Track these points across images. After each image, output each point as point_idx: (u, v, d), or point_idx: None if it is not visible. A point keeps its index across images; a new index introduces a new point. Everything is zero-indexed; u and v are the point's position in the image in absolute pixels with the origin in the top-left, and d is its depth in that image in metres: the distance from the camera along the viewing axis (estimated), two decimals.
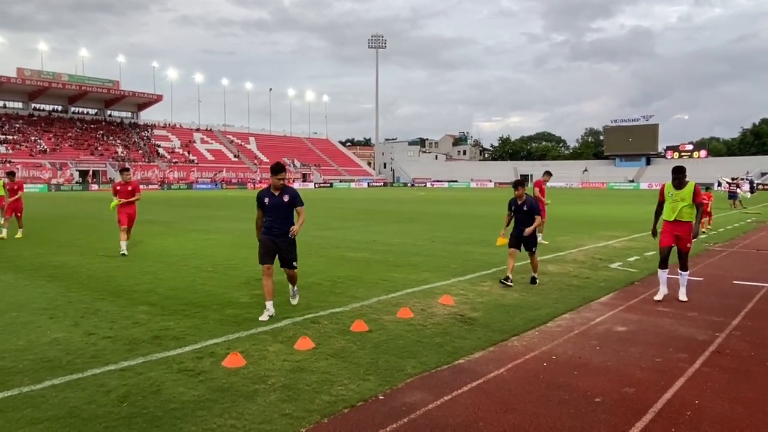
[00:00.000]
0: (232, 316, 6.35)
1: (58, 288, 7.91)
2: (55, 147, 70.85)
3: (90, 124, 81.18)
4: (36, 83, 73.39)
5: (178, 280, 8.43)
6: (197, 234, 15.21)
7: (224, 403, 3.97)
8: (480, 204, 32.91)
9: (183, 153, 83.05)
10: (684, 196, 7.04)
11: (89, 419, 3.69)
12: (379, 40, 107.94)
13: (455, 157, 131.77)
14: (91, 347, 5.19)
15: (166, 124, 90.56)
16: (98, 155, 72.66)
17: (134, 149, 78.61)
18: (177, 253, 11.54)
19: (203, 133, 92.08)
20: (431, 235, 14.76)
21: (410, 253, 11.16)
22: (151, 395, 4.08)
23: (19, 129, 71.92)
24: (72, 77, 77.33)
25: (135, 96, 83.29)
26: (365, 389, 4.24)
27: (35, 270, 9.41)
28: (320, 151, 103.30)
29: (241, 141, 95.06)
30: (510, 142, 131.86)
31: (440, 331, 5.76)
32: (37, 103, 78.33)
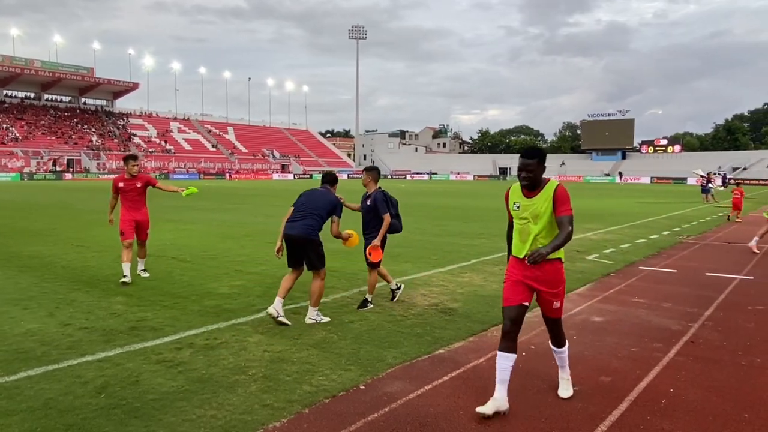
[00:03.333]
0: (212, 306, 6.29)
1: (31, 278, 7.75)
2: (27, 135, 69.16)
3: (64, 112, 79.37)
4: (7, 69, 71.40)
5: (155, 271, 8.32)
6: (174, 224, 15.02)
7: (204, 393, 3.94)
8: (459, 196, 33.10)
9: (159, 142, 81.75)
10: (538, 210, 3.75)
11: (66, 410, 3.63)
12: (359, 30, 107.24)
13: (435, 150, 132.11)
14: (67, 338, 5.10)
15: (142, 112, 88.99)
16: (72, 144, 71.15)
17: (109, 138, 77.15)
18: (154, 243, 11.34)
19: (180, 123, 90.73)
20: (412, 227, 14.78)
21: (390, 245, 11.11)
22: (129, 386, 4.03)
23: None
24: (45, 63, 75.46)
25: (110, 84, 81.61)
26: (346, 379, 4.25)
27: (6, 260, 9.20)
28: (300, 142, 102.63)
29: (219, 131, 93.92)
30: (489, 135, 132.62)
31: (420, 322, 5.79)
32: (8, 89, 76.25)
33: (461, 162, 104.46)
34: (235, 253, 10.20)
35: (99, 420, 3.52)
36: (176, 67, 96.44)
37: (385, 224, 6.33)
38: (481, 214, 19.61)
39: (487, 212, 20.66)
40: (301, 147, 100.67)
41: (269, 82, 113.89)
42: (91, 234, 12.67)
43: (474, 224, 15.88)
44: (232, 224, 15.13)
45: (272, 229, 13.79)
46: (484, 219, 17.70)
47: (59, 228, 14.06)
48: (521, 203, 3.88)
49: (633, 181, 76.38)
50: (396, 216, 6.57)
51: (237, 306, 6.32)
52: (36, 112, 75.73)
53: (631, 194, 38.29)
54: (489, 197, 32.31)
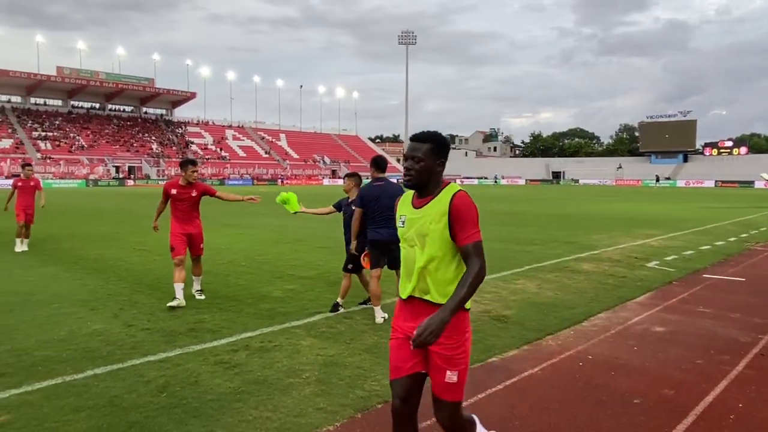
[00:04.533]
0: (266, 310, 6.42)
1: (97, 280, 8.13)
2: (92, 143, 72.82)
3: (126, 121, 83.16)
4: (75, 81, 75.47)
5: (212, 275, 8.57)
6: (230, 229, 15.44)
7: (260, 395, 4.02)
8: (511, 201, 32.56)
9: (215, 149, 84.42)
10: (424, 228, 2.59)
11: (130, 408, 3.78)
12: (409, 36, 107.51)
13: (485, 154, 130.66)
14: (130, 338, 5.32)
15: (199, 121, 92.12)
16: (134, 151, 74.41)
17: (168, 146, 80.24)
18: (211, 247, 11.70)
19: (235, 130, 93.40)
20: None
21: None
22: (189, 386, 4.16)
23: (59, 126, 74.11)
24: (109, 75, 79.32)
25: (169, 93, 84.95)
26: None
27: (75, 263, 9.69)
28: (350, 148, 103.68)
29: (271, 138, 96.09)
30: (541, 138, 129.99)
31: (473, 329, 5.68)
32: (75, 100, 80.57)
33: (512, 166, 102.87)
34: (289, 257, 10.39)
35: (160, 419, 3.65)
36: (231, 76, 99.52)
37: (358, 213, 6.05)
38: (534, 219, 19.23)
39: (541, 217, 20.24)
40: (350, 152, 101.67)
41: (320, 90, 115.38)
42: (152, 238, 13.17)
43: (527, 229, 15.58)
44: (284, 229, 15.41)
45: (323, 234, 13.97)
46: (538, 224, 17.35)
47: (122, 232, 14.70)
48: (407, 217, 2.64)
49: (696, 184, 73.17)
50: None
51: (290, 309, 6.42)
52: (100, 122, 79.65)
53: (693, 199, 36.65)
54: (542, 202, 31.65)
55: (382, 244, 5.91)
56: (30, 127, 71.04)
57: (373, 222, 5.96)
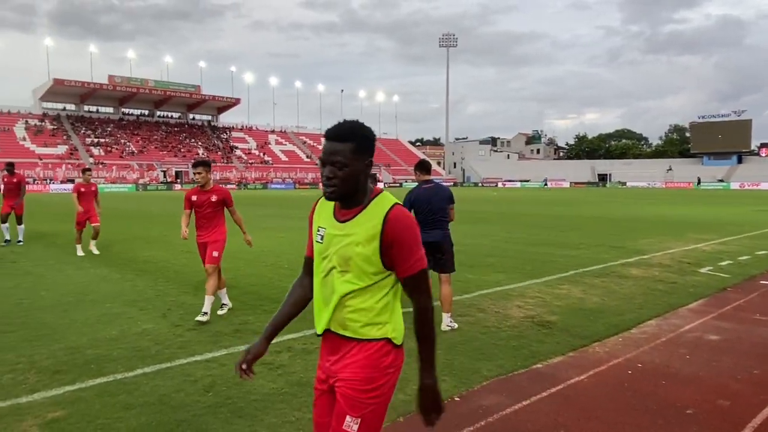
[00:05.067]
0: (308, 312, 6.46)
1: (146, 281, 8.39)
2: (142, 149, 75.40)
3: (174, 127, 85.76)
4: (125, 89, 78.35)
5: (256, 277, 8.73)
6: (273, 232, 15.69)
7: (302, 396, 4.05)
8: (555, 204, 31.94)
9: (259, 154, 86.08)
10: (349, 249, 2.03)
11: (178, 407, 3.88)
12: (450, 38, 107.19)
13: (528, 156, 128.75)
14: (178, 338, 5.46)
15: (243, 126, 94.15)
16: (181, 156, 76.63)
17: (214, 151, 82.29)
18: (254, 250, 11.92)
19: (278, 135, 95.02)
20: (505, 236, 14.47)
21: (483, 254, 11.00)
22: (234, 386, 4.24)
23: (111, 132, 77.08)
24: (158, 83, 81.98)
25: (215, 100, 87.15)
26: (441, 389, 4.16)
27: (126, 264, 10.03)
28: (390, 151, 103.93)
29: (313, 142, 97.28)
30: (587, 140, 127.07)
31: (516, 334, 5.62)
32: (126, 107, 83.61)
33: (556, 168, 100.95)
34: None
35: (207, 417, 3.73)
36: (273, 82, 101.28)
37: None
38: (579, 223, 18.79)
39: (586, 221, 19.77)
40: (391, 156, 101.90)
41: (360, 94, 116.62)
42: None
43: (572, 233, 15.24)
44: None
45: None
46: (583, 228, 16.95)
47: (170, 235, 15.13)
48: (327, 231, 2.10)
49: (751, 187, 70.06)
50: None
51: None
52: (150, 128, 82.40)
53: (749, 201, 35.09)
54: (587, 205, 30.93)
55: (433, 246, 5.92)
56: (83, 134, 74.16)
57: (423, 224, 5.96)
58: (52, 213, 23.81)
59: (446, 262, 5.93)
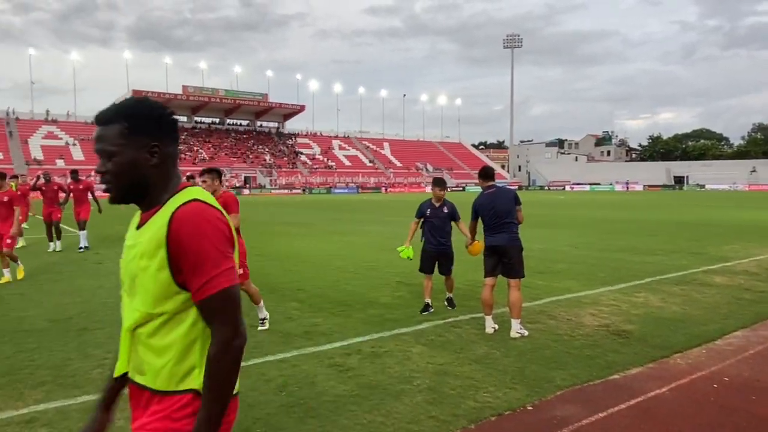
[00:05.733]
0: (375, 316, 6.53)
1: None
2: (213, 156, 78.59)
3: (242, 134, 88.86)
4: (198, 99, 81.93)
5: (323, 280, 8.89)
6: (338, 236, 15.93)
7: (373, 399, 4.09)
8: (627, 208, 30.65)
9: (323, 159, 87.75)
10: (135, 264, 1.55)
11: (254, 405, 4.00)
12: (514, 39, 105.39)
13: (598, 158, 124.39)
14: (251, 338, 5.61)
15: (308, 132, 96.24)
16: (249, 163, 79.30)
17: (280, 157, 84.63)
18: (320, 253, 12.17)
19: (341, 140, 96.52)
20: (574, 241, 14.03)
21: (552, 260, 10.71)
22: (306, 387, 4.33)
23: (184, 140, 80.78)
24: (228, 92, 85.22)
25: (281, 107, 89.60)
26: (512, 398, 4.12)
27: None
28: (452, 155, 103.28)
29: (375, 146, 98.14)
30: (661, 140, 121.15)
31: (590, 343, 5.43)
32: (198, 116, 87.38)
33: (628, 171, 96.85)
34: (395, 264, 10.49)
35: (281, 416, 3.82)
36: (338, 88, 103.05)
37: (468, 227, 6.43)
38: (654, 228, 17.94)
39: (662, 226, 18.85)
40: (453, 159, 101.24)
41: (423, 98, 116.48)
42: (267, 244, 13.94)
43: (647, 239, 14.57)
44: (390, 236, 15.62)
45: None
46: (659, 233, 16.17)
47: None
48: (125, 243, 1.67)
49: None
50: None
51: (399, 316, 6.48)
52: (220, 136, 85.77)
53: None
54: (663, 209, 29.49)
55: (499, 250, 5.86)
56: None
57: (489, 228, 5.93)
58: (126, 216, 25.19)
59: (513, 266, 5.83)
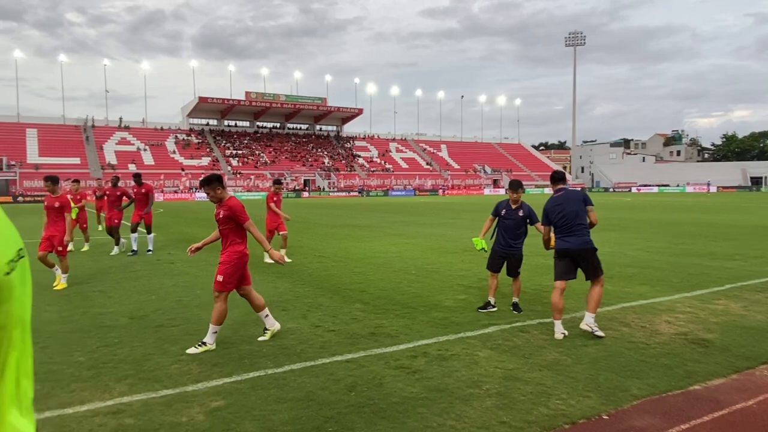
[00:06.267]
0: (440, 318, 6.50)
1: (286, 284, 8.91)
2: (274, 159, 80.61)
3: (302, 138, 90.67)
4: (260, 104, 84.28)
5: (385, 281, 8.93)
6: (398, 238, 15.96)
7: (442, 403, 4.06)
8: (700, 211, 29.14)
9: (380, 162, 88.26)
10: None
11: (324, 404, 4.06)
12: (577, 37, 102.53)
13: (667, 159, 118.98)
14: (318, 338, 5.73)
15: (366, 135, 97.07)
16: (308, 166, 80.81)
17: (338, 160, 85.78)
18: (381, 255, 12.23)
19: (398, 143, 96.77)
20: (644, 245, 13.46)
21: (622, 264, 10.32)
22: (374, 387, 4.35)
23: (246, 145, 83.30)
24: (288, 97, 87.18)
25: (339, 111, 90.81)
26: (586, 406, 3.99)
27: (265, 268, 10.73)
28: (512, 156, 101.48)
29: (433, 149, 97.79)
30: (736, 139, 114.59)
31: (667, 352, 5.19)
32: (260, 121, 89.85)
33: (700, 171, 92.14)
34: (457, 267, 10.42)
35: (351, 416, 3.86)
36: (395, 91, 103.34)
37: (546, 230, 6.24)
38: (731, 232, 16.96)
39: (740, 230, 17.80)
40: (512, 161, 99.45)
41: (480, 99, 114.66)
42: (329, 245, 14.16)
43: (723, 243, 13.79)
44: (449, 239, 15.52)
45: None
46: (737, 237, 15.27)
47: (303, 240, 15.98)
48: None
49: None
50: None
51: (464, 320, 6.42)
52: (281, 140, 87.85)
53: None
54: (740, 212, 27.85)
55: (571, 253, 5.73)
56: (223, 146, 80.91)
57: (560, 231, 5.82)
58: (198, 219, 26.21)
59: (591, 269, 5.76)
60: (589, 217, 5.83)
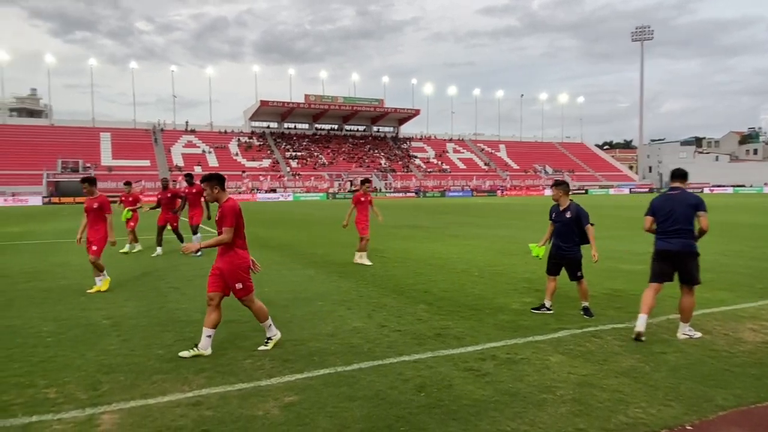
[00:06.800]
0: (507, 321, 6.39)
1: (349, 283, 9.01)
2: (332, 161, 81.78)
3: (359, 139, 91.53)
4: (318, 107, 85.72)
5: (448, 283, 8.87)
6: (458, 239, 15.83)
7: (514, 407, 3.99)
8: None
9: (437, 162, 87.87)
10: None
11: (394, 403, 4.07)
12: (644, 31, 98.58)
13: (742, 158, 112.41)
14: (385, 338, 5.76)
15: (422, 136, 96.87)
16: (365, 167, 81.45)
17: (395, 161, 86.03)
18: (442, 256, 12.17)
19: (455, 143, 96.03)
20: (722, 248, 12.76)
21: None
22: (444, 389, 4.33)
23: (305, 146, 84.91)
24: (346, 99, 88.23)
25: (396, 112, 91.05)
26: (668, 416, 3.82)
27: (328, 266, 10.89)
28: (574, 156, 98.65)
29: (491, 149, 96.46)
30: None
31: (754, 361, 4.90)
32: (318, 123, 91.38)
33: None
34: (521, 269, 10.22)
35: (422, 417, 3.85)
36: (452, 91, 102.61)
37: (591, 235, 6.46)
38: None
39: None
40: (575, 161, 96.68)
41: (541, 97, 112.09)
42: (389, 246, 14.21)
43: None
44: (511, 240, 15.24)
45: None
46: None
47: None
48: None
49: None
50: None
51: (532, 323, 6.28)
52: (338, 141, 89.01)
53: None
54: None
55: (671, 255, 5.52)
56: (283, 149, 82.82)
57: (663, 232, 5.64)
58: (260, 219, 26.92)
59: (688, 274, 5.57)
60: (699, 222, 5.56)
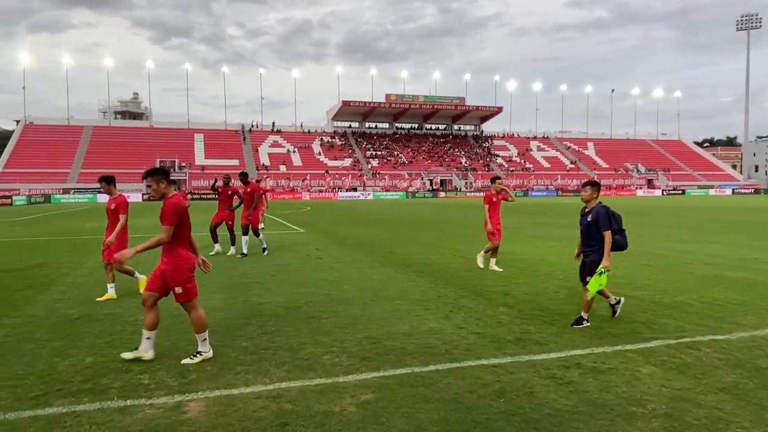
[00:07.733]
0: (593, 328, 6.08)
1: (427, 283, 8.95)
2: (412, 159, 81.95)
3: (440, 138, 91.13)
4: (399, 106, 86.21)
5: (531, 286, 8.59)
6: (541, 241, 15.34)
7: (600, 419, 3.77)
8: None
9: (519, 161, 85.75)
10: None
11: (471, 408, 3.98)
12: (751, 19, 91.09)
13: None
14: (462, 340, 5.66)
15: (505, 134, 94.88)
16: (445, 166, 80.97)
17: (476, 159, 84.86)
18: (525, 258, 11.83)
19: (540, 141, 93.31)
20: None
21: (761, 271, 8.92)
22: (524, 396, 4.17)
23: (386, 146, 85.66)
24: (427, 98, 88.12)
25: (478, 110, 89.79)
26: None
27: (407, 266, 10.88)
28: (670, 154, 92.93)
29: (578, 147, 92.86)
30: None
31: None
32: (399, 122, 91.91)
33: None
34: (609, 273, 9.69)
35: (500, 423, 3.73)
36: (537, 87, 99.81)
37: (607, 241, 6.02)
38: None
39: None
40: (671, 159, 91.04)
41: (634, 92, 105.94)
42: (468, 246, 14.00)
43: None
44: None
45: (644, 249, 12.74)
46: None
47: (442, 240, 16.01)
48: None
49: None
50: (619, 232, 6.12)
51: (621, 331, 5.94)
52: (418, 140, 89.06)
53: None
54: None
55: None
56: (364, 148, 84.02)
57: None
58: (340, 217, 27.44)
59: None
60: None
